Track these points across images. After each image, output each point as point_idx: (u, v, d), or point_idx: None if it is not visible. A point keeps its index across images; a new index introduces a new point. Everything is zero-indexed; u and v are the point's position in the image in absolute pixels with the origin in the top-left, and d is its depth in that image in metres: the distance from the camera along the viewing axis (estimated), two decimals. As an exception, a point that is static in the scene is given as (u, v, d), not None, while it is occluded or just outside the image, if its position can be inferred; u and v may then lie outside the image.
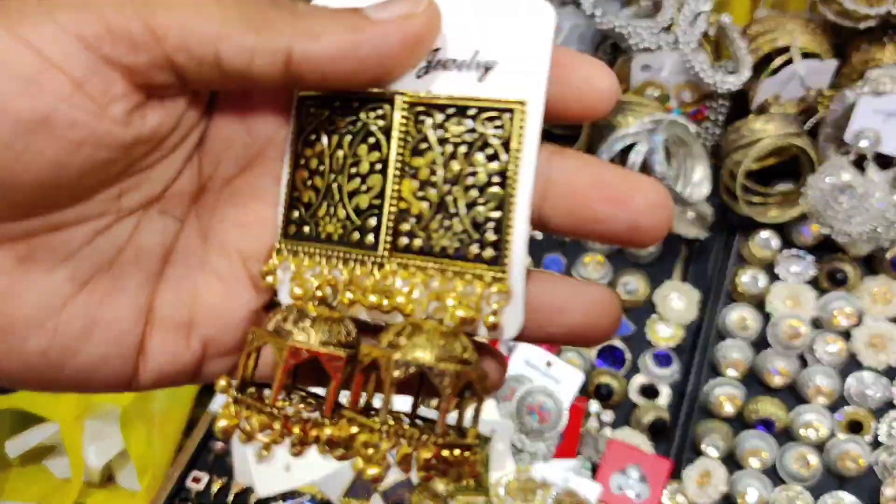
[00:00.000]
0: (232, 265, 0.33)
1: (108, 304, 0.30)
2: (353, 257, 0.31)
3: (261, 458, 0.31)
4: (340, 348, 0.30)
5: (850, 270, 1.09)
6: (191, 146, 0.32)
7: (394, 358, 0.28)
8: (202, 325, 0.32)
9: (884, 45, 1.00)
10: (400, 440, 0.28)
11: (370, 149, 0.31)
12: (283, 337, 0.30)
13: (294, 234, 0.32)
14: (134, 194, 0.30)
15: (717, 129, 1.10)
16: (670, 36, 1.01)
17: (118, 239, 0.31)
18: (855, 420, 1.02)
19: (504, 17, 0.30)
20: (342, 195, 0.31)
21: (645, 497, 0.99)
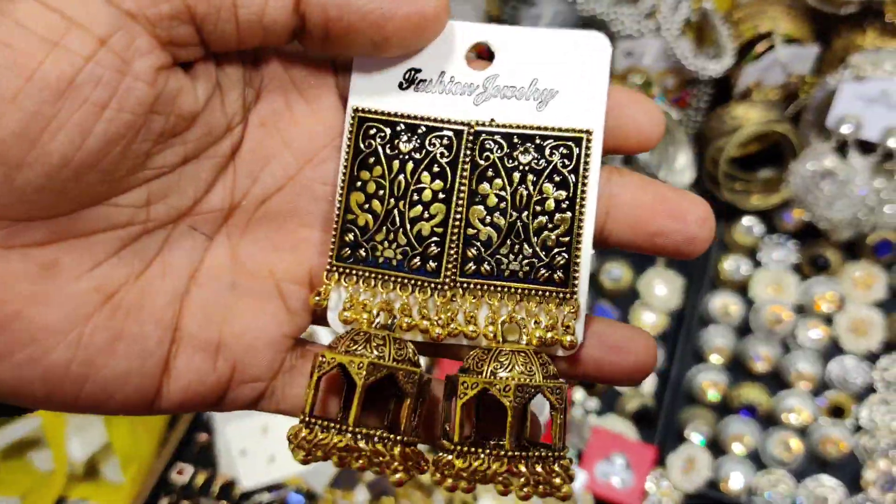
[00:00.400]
0: (264, 287, 0.32)
1: (134, 317, 0.30)
2: (413, 283, 0.32)
3: None
4: (412, 366, 0.31)
5: (833, 256, 1.09)
6: (222, 156, 0.31)
7: (513, 384, 0.29)
8: (231, 347, 0.32)
9: (865, 30, 1.00)
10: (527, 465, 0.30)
11: (434, 177, 0.32)
12: (358, 356, 0.30)
13: (348, 256, 0.32)
14: (161, 204, 0.30)
15: (700, 116, 1.10)
16: (653, 22, 1.01)
17: (146, 253, 0.30)
18: (836, 405, 1.03)
19: (562, 47, 0.31)
20: (403, 221, 0.32)
21: (630, 484, 1.00)
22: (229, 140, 0.31)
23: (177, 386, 0.31)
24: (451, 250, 0.32)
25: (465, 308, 0.32)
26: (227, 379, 0.32)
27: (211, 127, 0.30)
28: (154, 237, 0.31)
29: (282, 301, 0.33)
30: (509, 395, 0.29)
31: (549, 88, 0.32)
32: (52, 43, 0.25)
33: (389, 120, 0.32)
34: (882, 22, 0.99)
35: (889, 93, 0.92)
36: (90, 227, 0.29)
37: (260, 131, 0.32)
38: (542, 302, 0.32)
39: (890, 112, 0.93)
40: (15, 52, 0.25)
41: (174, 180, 0.30)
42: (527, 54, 0.32)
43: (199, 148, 0.30)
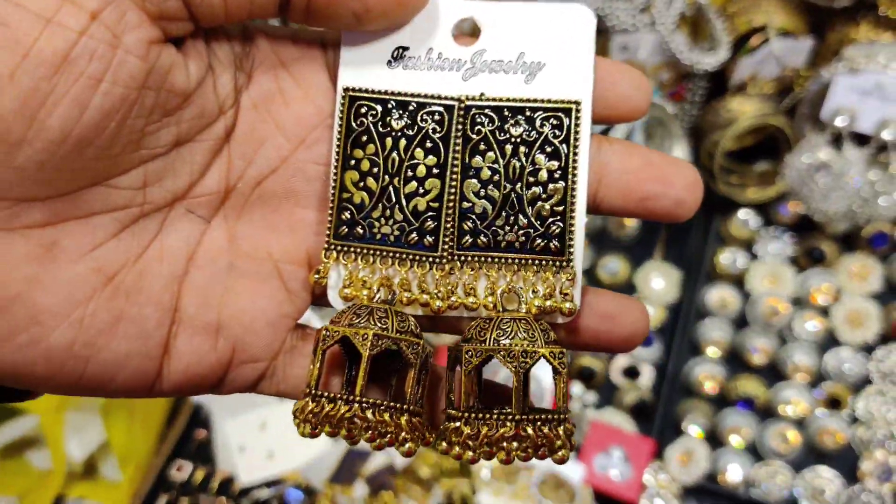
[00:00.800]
0: (262, 268, 0.33)
1: (133, 299, 0.30)
2: (412, 258, 0.32)
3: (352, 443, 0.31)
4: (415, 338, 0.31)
5: (828, 248, 1.10)
6: (216, 138, 0.31)
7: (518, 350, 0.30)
8: (231, 328, 0.32)
9: (859, 23, 1.01)
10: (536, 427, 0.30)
11: (427, 153, 0.32)
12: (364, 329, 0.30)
13: (345, 234, 0.33)
14: (158, 187, 0.30)
15: (695, 110, 1.10)
16: (648, 17, 1.01)
17: (144, 235, 0.31)
18: (833, 396, 1.04)
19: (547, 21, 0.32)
20: (399, 197, 0.32)
21: (628, 476, 1.00)
22: (222, 122, 0.32)
23: (177, 367, 0.31)
24: (448, 224, 0.32)
25: (464, 280, 0.32)
26: (228, 359, 0.32)
27: (204, 108, 0.31)
28: (152, 220, 0.31)
29: (280, 281, 0.33)
30: (514, 361, 0.30)
31: (537, 61, 0.32)
32: (45, 19, 0.25)
33: (380, 98, 0.32)
34: (876, 15, 0.99)
35: (883, 85, 0.93)
36: (89, 209, 0.29)
37: (252, 114, 0.32)
38: (539, 271, 0.32)
39: (884, 104, 0.93)
40: (11, 30, 0.25)
41: (169, 162, 0.30)
42: (512, 29, 0.32)
43: (193, 129, 0.31)
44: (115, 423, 1.04)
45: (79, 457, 1.03)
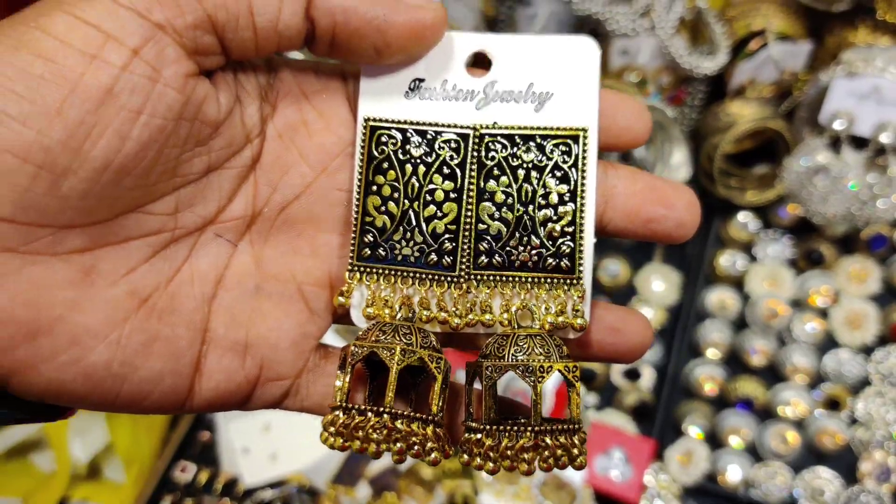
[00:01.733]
0: (287, 290, 0.34)
1: (167, 320, 0.32)
2: (431, 277, 0.34)
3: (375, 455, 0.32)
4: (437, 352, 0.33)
5: (827, 250, 1.10)
6: (243, 166, 0.33)
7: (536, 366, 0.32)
8: (258, 347, 0.34)
9: (856, 27, 1.01)
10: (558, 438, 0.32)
11: (444, 178, 0.34)
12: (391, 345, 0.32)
13: (368, 256, 0.35)
14: (189, 213, 0.32)
15: (695, 113, 1.11)
16: (647, 21, 1.02)
17: (176, 259, 0.32)
18: (832, 397, 1.04)
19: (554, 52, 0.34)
20: (419, 221, 0.34)
21: (629, 477, 1.01)
22: (249, 151, 0.33)
23: (208, 385, 0.33)
24: (464, 245, 0.34)
25: (481, 299, 0.34)
26: (255, 377, 0.34)
27: (232, 138, 0.32)
28: (182, 244, 0.33)
29: (304, 303, 0.35)
30: (532, 376, 0.32)
31: (545, 91, 0.34)
32: (91, 56, 0.27)
33: (399, 127, 0.34)
34: (874, 19, 1.00)
35: (880, 89, 0.93)
36: (125, 234, 0.31)
37: (277, 143, 0.34)
38: (550, 289, 0.34)
39: (881, 108, 0.94)
40: (58, 66, 0.27)
41: (200, 189, 0.32)
42: (522, 60, 0.34)
43: (222, 157, 0.32)
44: (118, 425, 1.04)
45: (83, 459, 1.04)
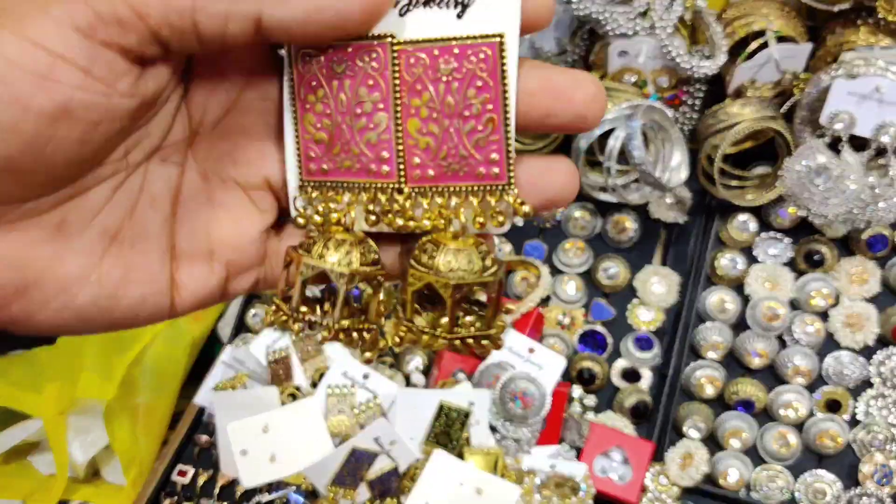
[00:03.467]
0: (235, 196, 0.38)
1: (137, 249, 0.35)
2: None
3: None
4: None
5: (827, 252, 1.10)
6: (177, 98, 0.36)
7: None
8: (221, 251, 0.37)
9: (857, 27, 1.01)
10: None
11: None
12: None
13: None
14: (137, 151, 0.35)
15: (695, 114, 1.10)
16: (646, 21, 1.02)
17: (132, 191, 0.35)
18: (833, 399, 1.04)
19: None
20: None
21: (628, 479, 1.01)
22: (182, 85, 0.36)
23: (186, 294, 0.37)
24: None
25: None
26: (225, 276, 0.38)
27: (171, 85, 0.35)
28: (136, 175, 0.35)
29: (252, 204, 0.38)
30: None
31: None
32: (42, 76, 0.28)
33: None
34: (875, 19, 1.00)
35: (881, 89, 0.93)
36: (84, 187, 0.33)
37: (200, 68, 0.36)
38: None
39: (882, 108, 0.94)
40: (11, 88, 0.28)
41: (144, 132, 0.35)
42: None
43: (163, 104, 0.35)
44: (117, 427, 1.04)
45: (82, 461, 1.04)
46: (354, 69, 0.35)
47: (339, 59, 0.35)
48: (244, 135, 0.38)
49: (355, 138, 0.36)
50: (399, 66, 0.35)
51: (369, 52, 0.35)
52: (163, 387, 1.12)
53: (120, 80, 0.30)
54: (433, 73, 0.34)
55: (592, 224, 1.19)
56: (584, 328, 1.13)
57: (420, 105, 0.35)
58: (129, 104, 0.31)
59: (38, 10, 0.28)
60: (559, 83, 0.34)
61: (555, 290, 1.15)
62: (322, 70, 0.35)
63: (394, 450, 1.01)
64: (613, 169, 1.05)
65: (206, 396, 1.08)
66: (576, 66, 1.11)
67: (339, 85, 0.35)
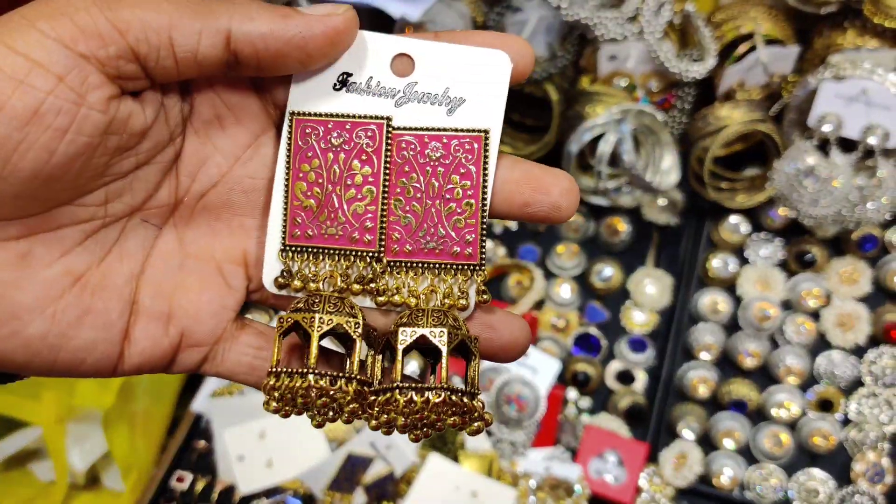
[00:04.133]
0: (206, 267, 0.39)
1: (98, 295, 0.36)
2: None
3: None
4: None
5: (818, 252, 1.11)
6: (167, 161, 0.37)
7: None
8: (179, 317, 0.38)
9: (844, 30, 1.02)
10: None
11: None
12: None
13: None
14: (118, 202, 0.36)
15: (685, 117, 1.11)
16: (636, 26, 1.02)
17: (106, 242, 0.36)
18: (825, 398, 1.05)
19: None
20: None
21: (623, 480, 1.01)
22: (172, 149, 0.37)
23: (135, 350, 0.37)
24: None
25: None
26: (177, 343, 0.38)
27: (157, 140, 0.36)
28: (112, 229, 0.37)
29: (222, 278, 0.39)
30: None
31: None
32: (18, 80, 0.30)
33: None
34: (862, 21, 1.00)
35: (868, 91, 0.94)
36: (58, 223, 0.35)
37: (195, 138, 0.38)
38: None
39: (869, 110, 0.95)
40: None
41: (128, 183, 0.36)
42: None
43: (148, 157, 0.36)
44: (116, 433, 1.05)
45: (81, 468, 1.04)
46: (351, 143, 0.38)
47: (338, 134, 0.38)
48: (229, 209, 0.39)
49: (343, 207, 0.38)
50: (391, 147, 0.38)
51: (366, 129, 0.38)
52: (160, 394, 1.13)
53: (92, 91, 0.32)
54: (422, 157, 0.38)
55: (585, 227, 1.20)
56: (578, 331, 1.14)
57: (406, 185, 0.38)
58: (99, 120, 0.32)
59: (26, 23, 0.31)
60: (538, 175, 0.38)
61: (549, 294, 1.16)
62: (320, 143, 0.38)
63: (389, 454, 1.02)
64: (604, 173, 1.06)
65: (203, 403, 1.09)
66: (566, 71, 1.12)
67: (335, 157, 0.38)
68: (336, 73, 0.38)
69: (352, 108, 0.38)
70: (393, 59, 0.38)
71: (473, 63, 0.38)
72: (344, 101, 0.38)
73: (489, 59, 0.38)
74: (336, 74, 0.38)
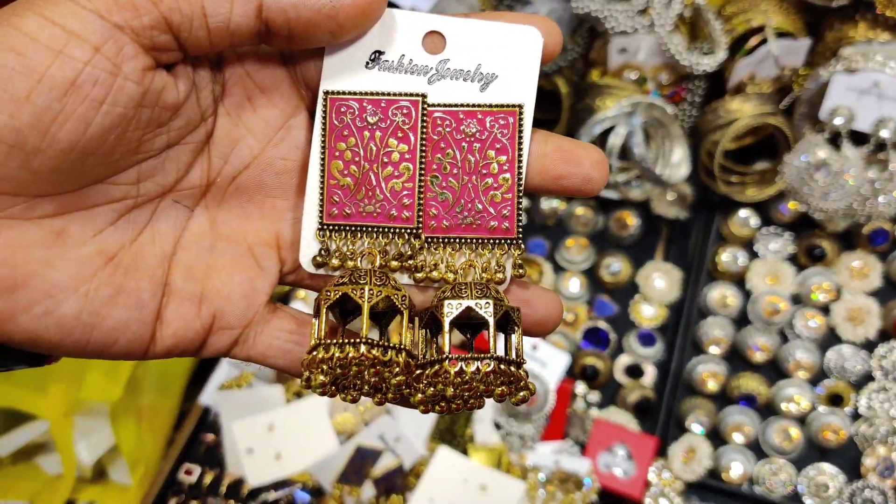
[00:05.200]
0: (238, 249, 0.39)
1: (131, 275, 0.36)
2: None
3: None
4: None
5: (828, 246, 1.10)
6: (198, 141, 0.37)
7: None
8: (212, 299, 0.38)
9: (856, 22, 1.01)
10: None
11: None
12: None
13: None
14: (150, 183, 0.36)
15: (695, 110, 1.11)
16: (646, 18, 1.02)
17: (139, 222, 0.37)
18: (835, 393, 1.04)
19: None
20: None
21: (632, 474, 1.01)
22: (203, 128, 0.37)
23: (168, 332, 0.37)
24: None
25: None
26: (209, 325, 0.38)
27: (189, 118, 0.36)
28: (145, 209, 0.37)
29: (254, 260, 0.39)
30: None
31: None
32: (56, 51, 0.31)
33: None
34: (873, 14, 1.00)
35: (880, 84, 0.94)
36: (92, 202, 0.35)
37: (227, 119, 0.38)
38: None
39: (881, 103, 0.94)
40: (27, 60, 0.30)
41: (160, 162, 0.36)
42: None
43: (180, 135, 0.36)
44: (123, 427, 1.05)
45: (88, 461, 1.04)
46: (387, 121, 0.38)
47: (373, 112, 0.38)
48: (261, 190, 0.39)
49: (381, 185, 0.39)
50: (427, 124, 0.38)
51: (402, 106, 0.38)
52: (168, 387, 1.13)
53: (127, 61, 0.32)
54: (457, 133, 0.39)
55: (594, 221, 1.19)
56: (587, 325, 1.14)
57: (442, 161, 0.39)
58: (134, 90, 0.32)
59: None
60: (570, 149, 0.38)
61: (557, 287, 1.16)
62: (355, 121, 0.38)
63: (398, 447, 1.02)
64: (614, 166, 1.05)
65: (211, 396, 1.09)
66: (576, 64, 1.12)
67: (371, 135, 0.39)
68: (368, 51, 0.38)
69: (385, 85, 0.38)
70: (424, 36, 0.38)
71: (505, 39, 0.38)
72: (376, 78, 0.38)
73: (521, 34, 0.38)
74: (368, 52, 0.38)
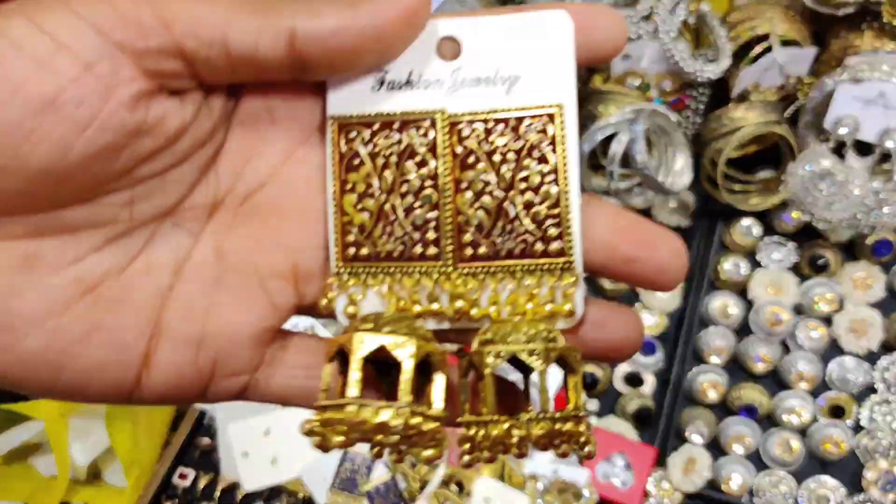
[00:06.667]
0: (248, 283, 0.33)
1: (114, 310, 0.30)
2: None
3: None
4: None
5: (831, 257, 1.09)
6: (205, 158, 0.32)
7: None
8: (213, 341, 0.32)
9: (862, 31, 1.01)
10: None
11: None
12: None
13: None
14: (146, 204, 0.31)
15: (698, 118, 1.10)
16: (650, 25, 1.01)
17: (130, 248, 0.31)
18: (837, 405, 1.03)
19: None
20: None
21: (630, 484, 1.00)
22: (213, 143, 0.32)
23: (157, 378, 0.32)
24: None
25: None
26: (209, 373, 0.32)
27: (196, 136, 0.31)
28: (138, 234, 0.31)
29: (266, 297, 0.33)
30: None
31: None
32: (39, 63, 0.26)
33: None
34: (880, 23, 0.99)
35: (886, 94, 0.93)
36: (72, 224, 0.30)
37: (240, 131, 0.33)
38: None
39: (887, 113, 0.93)
40: (4, 69, 0.26)
41: (159, 184, 0.31)
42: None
43: (185, 155, 0.31)
44: (119, 429, 1.04)
45: (83, 462, 1.04)
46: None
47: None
48: (277, 214, 0.33)
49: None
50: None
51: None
52: (164, 389, 1.12)
53: (123, 85, 0.27)
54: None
55: (595, 228, 1.19)
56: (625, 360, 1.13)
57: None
58: (126, 118, 0.28)
59: (61, 3, 0.27)
60: (646, 229, 0.32)
61: (557, 294, 1.15)
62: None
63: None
64: (616, 173, 1.04)
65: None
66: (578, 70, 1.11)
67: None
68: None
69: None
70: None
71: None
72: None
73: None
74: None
